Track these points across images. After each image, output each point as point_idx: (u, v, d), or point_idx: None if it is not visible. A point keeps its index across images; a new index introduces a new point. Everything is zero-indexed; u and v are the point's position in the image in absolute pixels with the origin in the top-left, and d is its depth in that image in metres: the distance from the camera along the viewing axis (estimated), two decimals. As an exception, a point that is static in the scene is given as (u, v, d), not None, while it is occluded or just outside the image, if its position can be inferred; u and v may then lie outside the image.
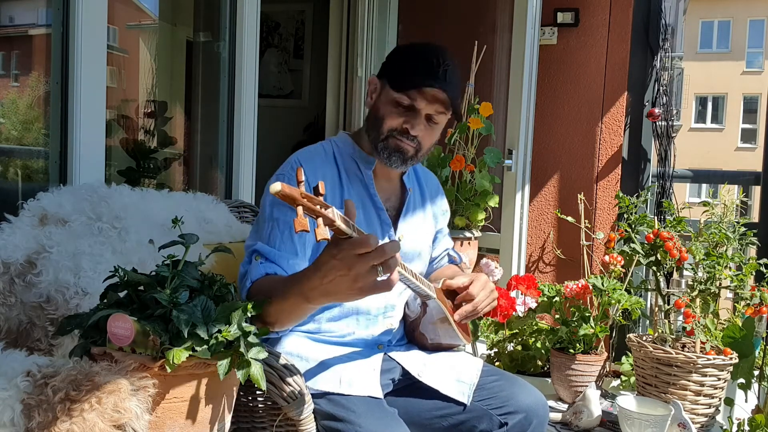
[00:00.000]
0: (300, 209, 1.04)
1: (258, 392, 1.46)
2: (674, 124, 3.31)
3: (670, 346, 2.42)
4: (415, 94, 1.56)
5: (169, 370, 1.15)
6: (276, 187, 1.01)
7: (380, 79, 1.65)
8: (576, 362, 2.58)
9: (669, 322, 2.58)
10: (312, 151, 1.66)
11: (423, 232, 1.80)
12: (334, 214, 1.08)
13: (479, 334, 2.95)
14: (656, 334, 2.54)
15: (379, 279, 1.17)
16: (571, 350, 2.60)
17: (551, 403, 2.58)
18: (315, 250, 1.54)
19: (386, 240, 1.66)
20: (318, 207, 1.05)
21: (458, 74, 1.62)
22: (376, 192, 1.67)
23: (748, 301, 2.54)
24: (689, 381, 2.33)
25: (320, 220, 1.06)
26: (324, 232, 1.07)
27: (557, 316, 2.69)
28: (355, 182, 1.66)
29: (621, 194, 3.18)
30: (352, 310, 1.64)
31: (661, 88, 3.28)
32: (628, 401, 2.20)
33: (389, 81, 1.61)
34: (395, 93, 1.58)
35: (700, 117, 21.66)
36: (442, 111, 1.60)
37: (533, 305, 2.82)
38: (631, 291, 2.85)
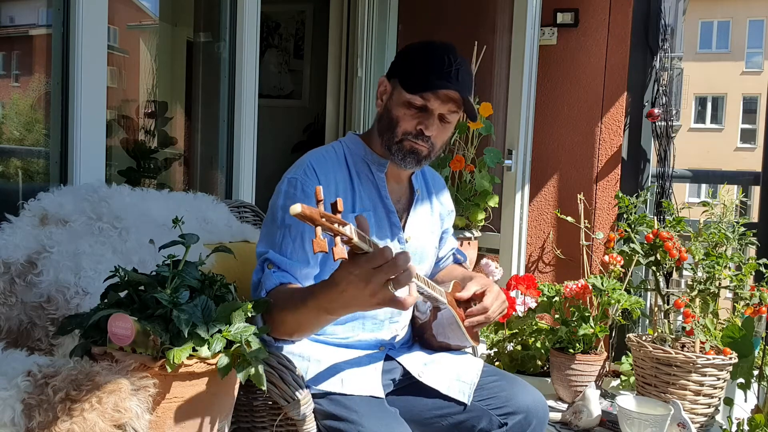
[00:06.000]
0: (319, 229, 1.06)
1: (258, 392, 1.46)
2: (674, 124, 3.32)
3: (669, 345, 2.42)
4: (428, 95, 1.56)
5: (169, 370, 1.15)
6: (296, 209, 1.02)
7: (390, 80, 1.63)
8: (576, 362, 2.59)
9: (668, 322, 2.59)
10: (323, 154, 1.64)
11: (430, 233, 1.80)
12: (352, 231, 1.10)
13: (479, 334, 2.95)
14: (656, 334, 2.54)
15: (396, 293, 1.21)
16: (571, 350, 2.60)
17: (551, 402, 2.58)
18: (326, 257, 1.53)
19: (396, 244, 1.67)
20: (336, 225, 1.07)
21: (470, 72, 1.62)
22: (388, 195, 1.66)
23: (748, 301, 2.55)
24: (689, 381, 2.34)
25: (338, 239, 1.08)
26: (341, 251, 1.09)
27: (557, 316, 2.70)
28: (367, 185, 1.65)
29: (620, 194, 3.18)
30: (359, 315, 1.63)
31: (660, 88, 3.28)
32: (627, 401, 2.20)
33: (401, 82, 1.59)
34: (408, 94, 1.57)
35: (700, 117, 21.65)
36: (454, 110, 1.59)
37: (533, 305, 2.82)
38: (631, 291, 2.85)
